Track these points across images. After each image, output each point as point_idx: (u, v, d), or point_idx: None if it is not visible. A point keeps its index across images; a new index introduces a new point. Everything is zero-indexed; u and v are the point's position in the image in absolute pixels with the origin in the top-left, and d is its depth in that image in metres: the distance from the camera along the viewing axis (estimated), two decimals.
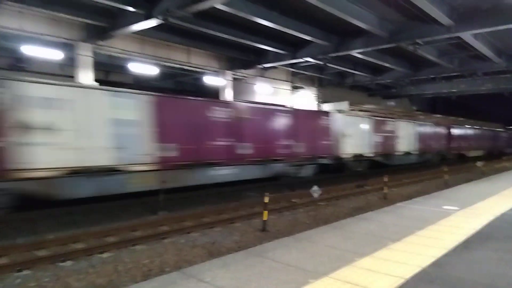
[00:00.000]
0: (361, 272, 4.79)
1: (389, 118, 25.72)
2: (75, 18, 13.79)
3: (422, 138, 27.39)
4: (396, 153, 24.15)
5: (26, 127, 8.89)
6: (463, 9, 13.26)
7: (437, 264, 5.12)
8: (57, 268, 6.39)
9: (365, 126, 21.44)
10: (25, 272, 6.16)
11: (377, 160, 22.17)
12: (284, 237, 6.83)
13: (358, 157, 20.33)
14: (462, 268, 4.99)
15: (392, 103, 36.64)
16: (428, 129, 29.03)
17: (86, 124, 9.86)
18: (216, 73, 21.34)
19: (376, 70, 24.65)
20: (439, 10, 12.35)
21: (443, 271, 4.87)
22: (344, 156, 19.18)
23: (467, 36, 14.74)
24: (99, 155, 10.02)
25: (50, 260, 6.62)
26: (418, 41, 15.09)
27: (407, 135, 25.55)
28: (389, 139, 23.47)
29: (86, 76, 15.30)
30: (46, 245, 7.44)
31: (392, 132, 23.93)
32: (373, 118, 22.78)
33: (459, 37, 15.08)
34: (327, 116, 18.59)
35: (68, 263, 6.60)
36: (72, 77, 15.92)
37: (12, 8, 12.84)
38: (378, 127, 22.39)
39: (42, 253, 7.10)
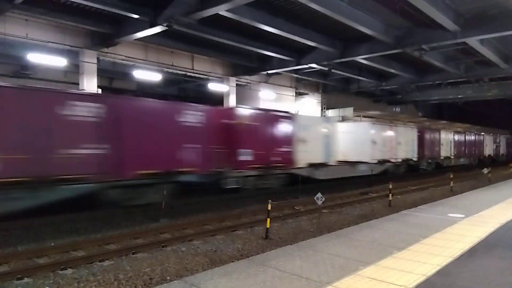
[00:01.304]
0: (365, 281, 4.70)
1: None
2: (80, 25, 13.90)
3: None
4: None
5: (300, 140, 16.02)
6: (469, 15, 13.18)
7: (442, 272, 5.02)
8: (58, 276, 6.34)
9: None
10: (25, 280, 6.12)
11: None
12: (287, 245, 6.76)
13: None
14: (467, 277, 4.88)
15: (397, 109, 36.47)
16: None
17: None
18: (220, 79, 21.36)
19: (381, 76, 24.55)
20: (445, 15, 12.27)
21: (448, 280, 4.77)
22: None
23: (473, 41, 14.63)
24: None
25: (51, 268, 6.57)
26: (424, 46, 14.98)
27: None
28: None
29: (90, 83, 15.38)
30: (47, 253, 7.40)
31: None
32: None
33: (465, 43, 14.97)
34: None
35: (69, 271, 6.55)
36: (76, 84, 16.01)
37: (18, 16, 12.97)
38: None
39: (43, 260, 7.06)
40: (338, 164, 18.90)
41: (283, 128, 15.80)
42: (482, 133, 38.87)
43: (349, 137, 20.73)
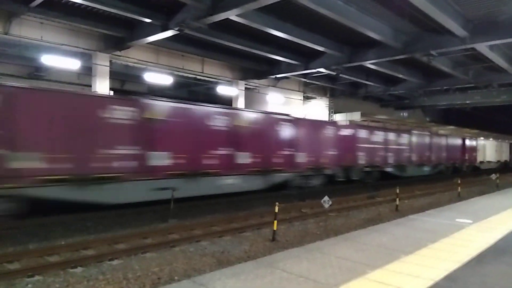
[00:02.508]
0: (372, 285, 4.73)
1: None
2: (94, 28, 14.14)
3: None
4: None
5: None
6: (478, 20, 13.16)
7: (450, 278, 5.03)
8: (68, 274, 6.43)
9: None
10: (36, 278, 6.20)
11: None
12: (294, 248, 6.80)
13: None
14: (476, 283, 4.89)
15: (405, 114, 36.33)
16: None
17: None
18: (229, 82, 21.51)
19: (389, 80, 24.52)
20: (454, 21, 12.28)
21: (457, 285, 4.78)
22: None
23: (482, 47, 14.59)
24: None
25: (61, 266, 6.66)
26: (432, 52, 14.97)
27: None
28: None
29: (103, 85, 15.60)
30: (57, 251, 7.51)
31: None
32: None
33: (474, 49, 14.93)
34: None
35: (79, 269, 6.65)
36: (89, 86, 16.25)
37: (33, 19, 13.24)
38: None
39: (53, 259, 7.16)
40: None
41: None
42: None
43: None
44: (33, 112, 9.18)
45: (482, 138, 39.68)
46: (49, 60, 14.67)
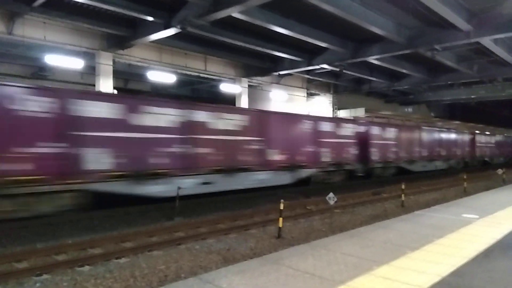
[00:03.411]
0: (379, 281, 4.73)
1: None
2: (96, 28, 14.18)
3: None
4: None
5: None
6: (482, 14, 13.07)
7: (457, 273, 5.01)
8: (75, 272, 6.47)
9: None
10: (44, 276, 6.24)
11: None
12: (300, 245, 6.80)
13: None
14: (483, 278, 4.87)
15: (409, 109, 36.20)
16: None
17: None
18: (232, 80, 21.51)
19: (393, 76, 24.43)
20: (458, 15, 12.20)
21: (463, 280, 4.77)
22: None
23: (487, 41, 14.49)
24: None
25: (69, 265, 6.70)
26: (436, 47, 14.89)
27: None
28: None
29: (106, 84, 15.65)
30: (65, 250, 7.55)
31: None
32: None
33: (478, 43, 14.84)
34: None
35: (86, 268, 6.68)
36: (92, 85, 16.30)
37: (36, 19, 13.29)
38: None
39: (61, 257, 7.21)
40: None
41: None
42: None
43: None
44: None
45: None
46: (52, 59, 14.73)
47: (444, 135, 28.49)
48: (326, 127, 17.29)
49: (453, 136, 29.78)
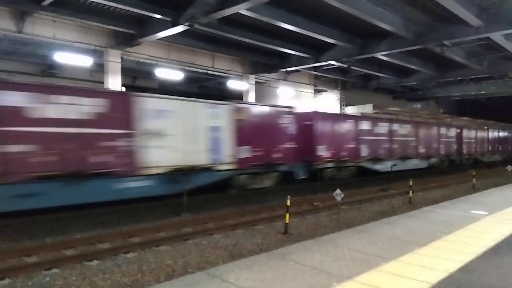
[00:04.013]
0: (386, 277, 4.71)
1: None
2: (105, 25, 14.25)
3: None
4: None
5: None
6: (493, 9, 12.88)
7: (465, 269, 4.98)
8: (84, 267, 6.56)
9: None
10: (53, 271, 6.35)
11: None
12: (307, 240, 6.80)
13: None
14: (492, 274, 4.83)
15: (417, 105, 35.89)
16: None
17: None
18: (239, 77, 21.50)
19: (401, 72, 24.21)
20: (468, 10, 12.04)
21: (472, 277, 4.74)
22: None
23: (497, 36, 14.29)
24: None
25: (78, 259, 6.81)
26: (446, 42, 14.72)
27: None
28: None
29: (115, 81, 15.75)
30: (73, 245, 7.67)
31: None
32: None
33: (488, 38, 14.64)
34: None
35: (95, 262, 6.78)
36: (101, 82, 16.41)
37: (46, 18, 13.41)
38: None
39: (69, 252, 7.32)
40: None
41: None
42: None
43: None
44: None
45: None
46: (61, 57, 14.85)
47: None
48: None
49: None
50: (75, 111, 9.24)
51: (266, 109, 14.40)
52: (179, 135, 11.24)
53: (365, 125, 19.36)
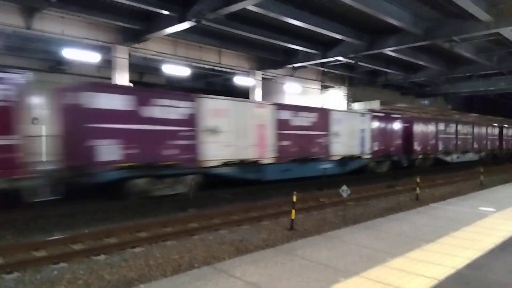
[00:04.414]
0: (393, 272, 4.69)
1: None
2: (113, 22, 14.34)
3: None
4: None
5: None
6: (502, 4, 12.71)
7: (473, 266, 4.95)
8: (92, 261, 6.60)
9: None
10: (61, 265, 6.39)
11: None
12: (313, 236, 6.79)
13: None
14: (500, 271, 4.79)
15: (426, 102, 35.58)
16: None
17: None
18: (246, 73, 21.49)
19: (409, 68, 24.03)
20: (477, 5, 11.89)
21: (480, 273, 4.70)
22: None
23: (508, 32, 14.11)
24: None
25: (85, 254, 6.84)
26: (455, 38, 14.58)
27: None
28: None
29: (122, 77, 15.83)
30: (81, 239, 7.71)
31: None
32: None
33: (498, 33, 14.47)
34: None
35: (102, 256, 6.81)
36: (108, 78, 16.50)
37: (54, 14, 13.51)
38: None
39: (77, 246, 7.36)
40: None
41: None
42: None
43: None
44: None
45: None
46: (70, 53, 14.96)
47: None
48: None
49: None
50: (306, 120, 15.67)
51: (386, 116, 20.69)
52: (347, 135, 17.48)
53: (441, 126, 25.06)
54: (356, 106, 27.56)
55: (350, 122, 17.60)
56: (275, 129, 14.34)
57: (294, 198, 8.63)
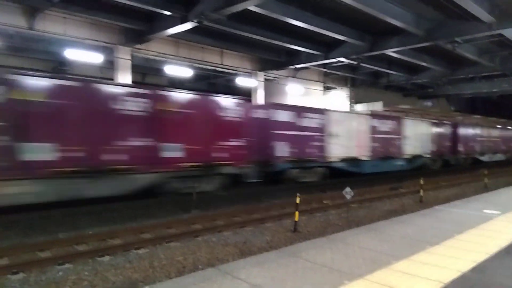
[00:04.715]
0: (397, 275, 4.69)
1: None
2: (115, 22, 14.34)
3: None
4: None
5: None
6: (505, 5, 12.67)
7: (478, 269, 4.94)
8: (96, 262, 6.63)
9: None
10: (66, 266, 6.42)
11: None
12: (317, 238, 6.78)
13: None
14: (505, 274, 4.78)
15: (428, 103, 35.50)
16: None
17: None
18: (248, 74, 21.49)
19: (412, 69, 23.99)
20: (479, 6, 11.86)
21: (485, 276, 4.69)
22: None
23: (510, 33, 14.07)
24: None
25: (90, 255, 6.87)
26: (457, 39, 14.53)
27: None
28: None
29: (125, 78, 15.84)
30: (85, 240, 7.73)
31: None
32: None
33: (501, 35, 14.43)
34: None
35: (106, 258, 6.83)
36: (111, 79, 16.51)
37: (57, 14, 13.52)
38: None
39: (82, 248, 7.39)
40: None
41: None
42: None
43: None
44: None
45: None
46: (72, 54, 14.97)
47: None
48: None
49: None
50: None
51: (440, 123, 25.40)
52: (415, 138, 22.14)
53: (478, 130, 29.91)
54: (359, 107, 27.52)
55: (417, 127, 22.72)
56: (369, 133, 18.95)
57: (298, 200, 8.63)
